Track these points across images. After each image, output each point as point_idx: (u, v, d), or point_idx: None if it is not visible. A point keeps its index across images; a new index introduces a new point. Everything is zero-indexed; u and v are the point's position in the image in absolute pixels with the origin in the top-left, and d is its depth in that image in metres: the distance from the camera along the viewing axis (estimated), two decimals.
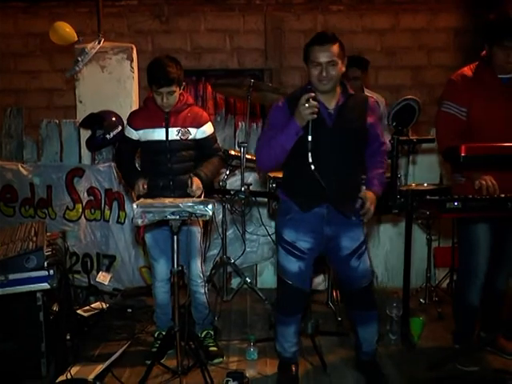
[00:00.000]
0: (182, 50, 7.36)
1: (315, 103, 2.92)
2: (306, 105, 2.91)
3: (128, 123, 3.71)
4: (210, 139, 3.73)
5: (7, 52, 7.57)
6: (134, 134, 3.66)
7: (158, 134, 3.60)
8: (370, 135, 3.17)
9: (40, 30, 7.43)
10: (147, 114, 3.65)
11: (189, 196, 3.45)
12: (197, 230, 3.70)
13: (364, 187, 3.23)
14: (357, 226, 3.22)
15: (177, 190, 3.59)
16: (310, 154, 2.93)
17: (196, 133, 3.65)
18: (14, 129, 5.30)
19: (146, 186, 3.57)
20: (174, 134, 3.60)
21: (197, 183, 3.53)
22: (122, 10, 7.33)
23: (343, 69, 3.06)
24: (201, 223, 3.71)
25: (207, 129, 3.71)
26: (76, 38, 5.30)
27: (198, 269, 3.72)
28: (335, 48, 2.98)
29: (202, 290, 3.76)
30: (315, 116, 2.93)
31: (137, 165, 3.85)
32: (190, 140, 3.64)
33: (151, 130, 3.61)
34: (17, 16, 7.53)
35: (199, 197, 3.55)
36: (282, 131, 3.01)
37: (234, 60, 7.52)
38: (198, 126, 3.66)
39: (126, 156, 3.77)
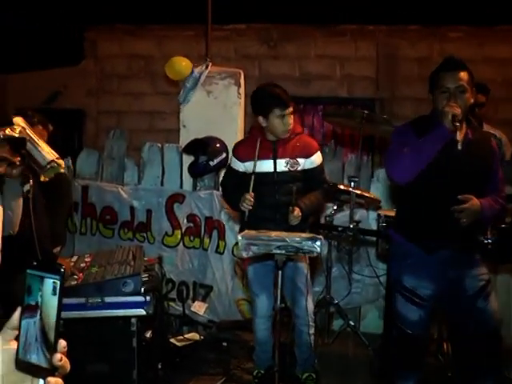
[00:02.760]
0: (290, 76, 7.51)
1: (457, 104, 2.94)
2: (446, 109, 2.94)
3: (234, 155, 3.81)
4: (318, 170, 3.76)
5: (112, 73, 8.05)
6: (240, 166, 3.75)
7: (266, 166, 3.67)
8: (491, 179, 3.16)
9: (145, 53, 7.88)
10: (254, 145, 3.69)
11: (293, 229, 3.45)
12: (304, 266, 3.74)
13: None
14: (480, 263, 3.18)
15: (282, 223, 3.59)
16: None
17: (305, 163, 3.69)
18: (116, 151, 5.61)
19: (252, 197, 3.56)
20: (282, 165, 3.66)
21: (297, 212, 3.56)
22: (230, 34, 7.59)
23: (472, 100, 3.06)
24: (307, 259, 3.74)
25: (316, 159, 3.74)
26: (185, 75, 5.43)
27: (306, 307, 3.72)
28: (464, 75, 3.00)
29: (308, 330, 3.78)
30: (459, 114, 2.93)
31: None
32: (299, 171, 3.69)
33: (258, 161, 3.66)
34: (123, 38, 8.00)
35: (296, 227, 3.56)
36: (426, 138, 2.99)
37: (344, 88, 7.60)
38: (307, 155, 3.70)
39: (230, 186, 3.86)
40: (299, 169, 3.68)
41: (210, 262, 5.09)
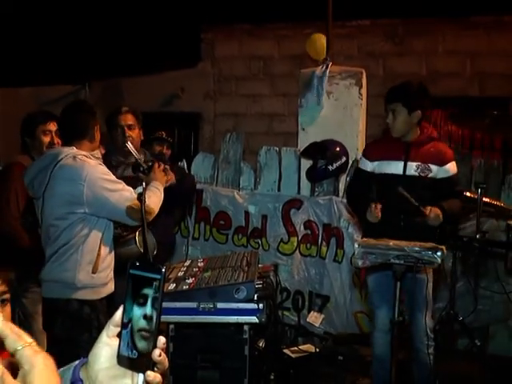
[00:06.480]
0: (416, 74, 7.37)
1: None
2: None
3: (363, 154, 3.95)
4: (451, 180, 3.81)
5: (229, 75, 8.34)
6: (368, 166, 3.87)
7: (395, 167, 3.76)
8: None
9: (264, 53, 8.10)
10: (386, 145, 3.85)
11: (421, 240, 3.45)
12: (425, 279, 3.72)
13: None
14: None
15: (409, 232, 3.58)
16: None
17: (437, 171, 3.76)
18: (233, 154, 5.82)
19: (379, 208, 3.63)
20: (412, 168, 3.74)
21: (435, 211, 3.58)
22: (353, 31, 7.64)
23: None
24: (431, 272, 3.73)
25: (450, 168, 3.80)
26: (324, 55, 5.62)
27: (424, 323, 3.71)
28: None
29: (426, 350, 3.75)
30: None
31: None
32: (429, 178, 3.75)
33: (387, 161, 3.79)
34: (241, 38, 8.26)
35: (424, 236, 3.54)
36: None
37: (475, 87, 7.42)
38: (441, 163, 3.76)
39: (357, 190, 3.97)
40: (430, 176, 3.75)
41: (327, 272, 5.19)
